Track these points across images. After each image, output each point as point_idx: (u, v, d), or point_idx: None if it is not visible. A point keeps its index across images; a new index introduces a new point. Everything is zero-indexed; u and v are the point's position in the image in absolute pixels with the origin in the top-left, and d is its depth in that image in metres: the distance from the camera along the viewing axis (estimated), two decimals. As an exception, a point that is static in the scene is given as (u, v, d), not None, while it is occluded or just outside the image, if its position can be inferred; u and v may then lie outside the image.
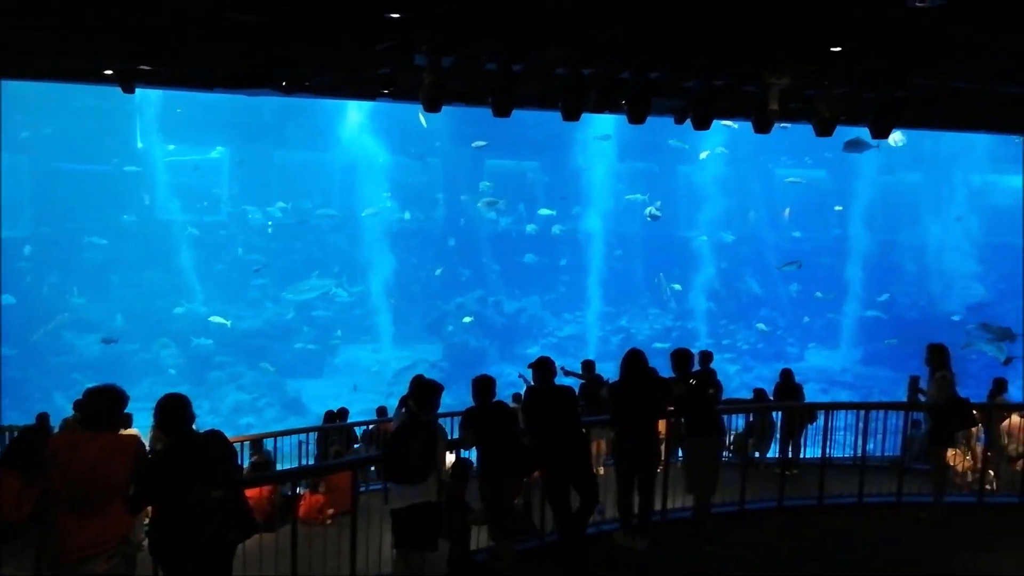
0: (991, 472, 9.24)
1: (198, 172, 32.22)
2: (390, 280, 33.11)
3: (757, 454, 10.75)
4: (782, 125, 8.67)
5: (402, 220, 33.29)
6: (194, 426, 4.63)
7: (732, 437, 10.83)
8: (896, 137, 26.47)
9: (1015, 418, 9.40)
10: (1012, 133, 11.65)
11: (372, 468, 9.26)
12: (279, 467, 10.41)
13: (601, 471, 8.98)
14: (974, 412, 8.10)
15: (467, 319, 31.39)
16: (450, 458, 6.33)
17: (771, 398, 11.45)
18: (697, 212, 35.44)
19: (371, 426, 11.42)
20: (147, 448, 8.18)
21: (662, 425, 8.13)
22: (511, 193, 34.19)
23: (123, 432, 5.75)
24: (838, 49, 6.61)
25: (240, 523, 4.48)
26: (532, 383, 6.64)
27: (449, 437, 6.07)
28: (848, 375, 31.98)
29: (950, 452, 8.91)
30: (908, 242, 35.52)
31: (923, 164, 34.26)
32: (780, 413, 10.71)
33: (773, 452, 10.98)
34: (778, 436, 10.92)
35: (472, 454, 6.48)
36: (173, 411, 4.41)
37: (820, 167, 35.99)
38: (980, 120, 10.61)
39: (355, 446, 11.10)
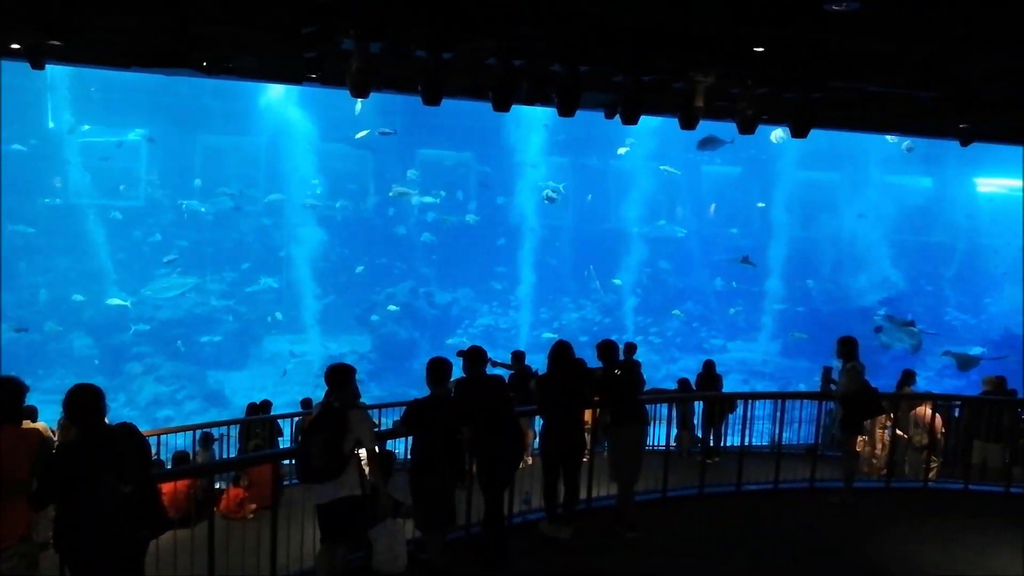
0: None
1: (115, 154, 30.73)
2: (318, 270, 32.48)
3: (676, 444, 11.02)
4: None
5: (330, 207, 32.65)
6: (106, 419, 4.43)
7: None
8: (777, 134, 27.17)
9: (922, 408, 9.90)
10: (924, 136, 12.22)
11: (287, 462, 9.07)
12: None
13: (529, 461, 9.04)
14: (882, 401, 8.50)
15: (392, 307, 31.05)
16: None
17: (694, 388, 11.75)
18: (630, 206, 35.98)
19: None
20: (54, 442, 7.82)
21: (588, 415, 8.24)
22: (444, 183, 34.03)
23: (27, 425, 5.48)
24: (760, 50, 6.79)
25: (152, 519, 4.31)
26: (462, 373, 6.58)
27: (379, 427, 5.93)
28: (769, 366, 33.13)
29: (860, 439, 9.35)
30: (825, 238, 37.00)
31: (840, 162, 35.66)
32: (702, 403, 11.04)
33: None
34: (700, 424, 11.25)
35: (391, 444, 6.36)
36: (83, 401, 4.21)
37: (739, 164, 37.18)
38: (894, 123, 11.09)
39: (279, 439, 10.86)
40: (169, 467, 8.74)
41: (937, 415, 9.70)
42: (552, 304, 35.12)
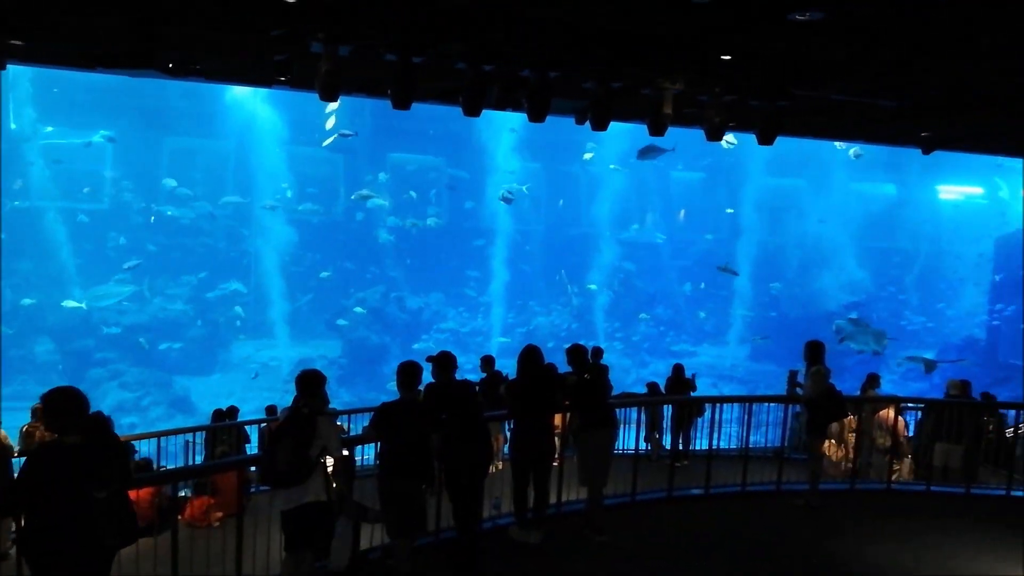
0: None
1: (79, 156, 30.09)
2: (288, 274, 32.14)
3: (649, 446, 11.09)
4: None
5: (300, 211, 32.30)
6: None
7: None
8: (729, 139, 27.56)
9: (885, 411, 10.07)
10: (888, 144, 12.47)
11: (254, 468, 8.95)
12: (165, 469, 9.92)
13: (499, 466, 9.04)
14: (846, 404, 8.64)
15: (359, 309, 30.78)
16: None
17: (663, 392, 11.82)
18: (602, 211, 36.15)
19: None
20: (13, 449, 7.66)
21: (558, 419, 8.26)
22: (415, 187, 33.96)
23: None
24: (728, 58, 6.90)
25: (124, 527, 4.24)
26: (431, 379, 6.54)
27: (348, 433, 5.88)
28: (738, 370, 33.49)
29: (829, 442, 9.51)
30: (792, 243, 37.55)
31: (806, 169, 36.22)
32: (671, 406, 11.11)
33: (665, 444, 11.35)
34: (669, 428, 11.33)
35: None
36: (65, 405, 4.10)
37: (707, 170, 37.72)
38: (856, 131, 11.32)
39: (246, 445, 10.71)
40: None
41: (900, 418, 9.88)
42: (523, 309, 35.16)
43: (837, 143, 28.11)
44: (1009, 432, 11.09)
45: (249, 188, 31.81)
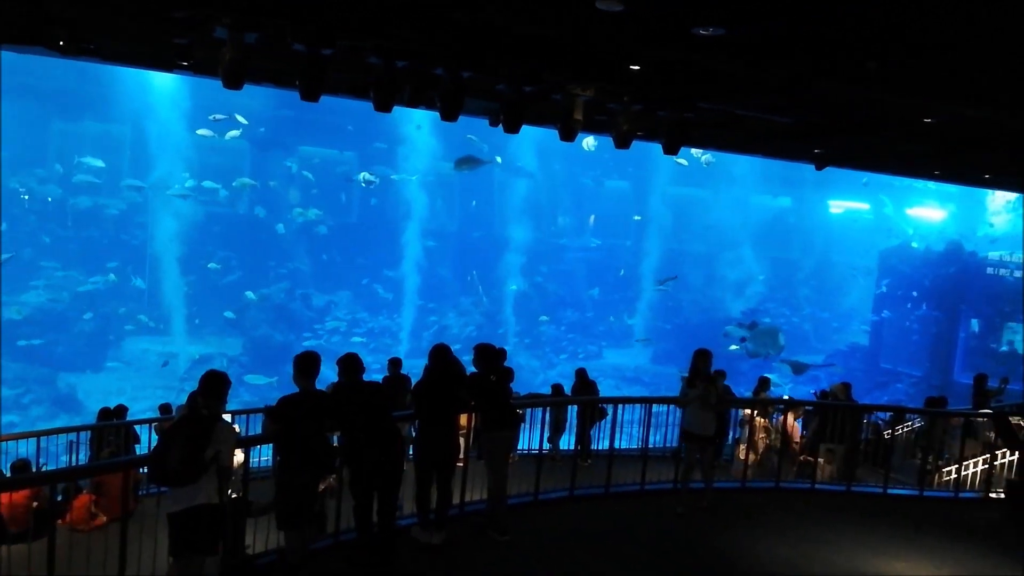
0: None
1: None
2: (186, 267, 30.75)
3: (549, 446, 11.23)
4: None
5: (202, 202, 30.84)
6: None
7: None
8: (588, 142, 28.46)
9: (785, 416, 10.55)
10: (784, 159, 13.08)
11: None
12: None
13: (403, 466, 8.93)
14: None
15: (250, 294, 29.75)
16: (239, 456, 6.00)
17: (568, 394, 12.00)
18: (514, 213, 36.37)
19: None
20: None
21: (464, 419, 8.26)
22: (323, 183, 33.24)
23: None
24: (636, 68, 7.07)
25: None
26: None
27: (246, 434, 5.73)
28: (644, 373, 34.40)
29: (741, 446, 9.95)
30: (694, 251, 38.94)
31: (709, 180, 37.60)
32: (576, 407, 11.31)
33: (569, 444, 11.52)
34: (574, 429, 11.51)
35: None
36: None
37: (623, 178, 38.68)
38: (755, 145, 11.83)
39: (135, 446, 10.21)
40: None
41: (792, 420, 10.38)
42: (432, 309, 34.97)
43: (694, 151, 29.17)
44: (887, 433, 11.83)
45: (150, 177, 30.28)
